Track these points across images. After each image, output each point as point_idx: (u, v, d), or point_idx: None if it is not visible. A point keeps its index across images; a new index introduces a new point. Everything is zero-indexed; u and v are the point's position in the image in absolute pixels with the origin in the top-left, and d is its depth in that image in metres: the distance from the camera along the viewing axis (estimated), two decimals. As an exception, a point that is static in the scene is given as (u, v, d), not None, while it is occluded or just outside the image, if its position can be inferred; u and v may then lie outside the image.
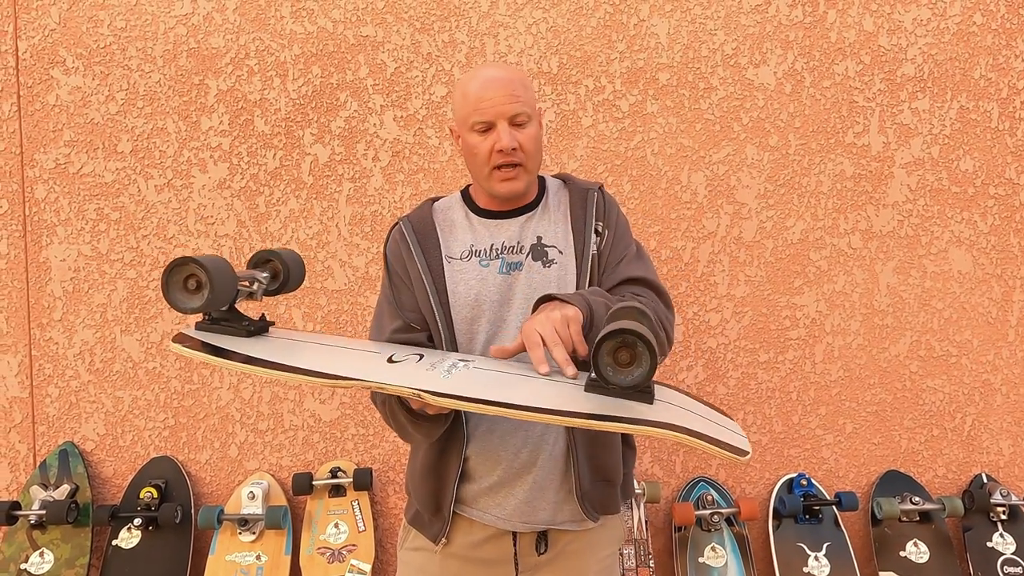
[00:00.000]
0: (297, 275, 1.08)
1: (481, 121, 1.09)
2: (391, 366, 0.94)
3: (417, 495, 1.18)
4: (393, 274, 1.19)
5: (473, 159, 1.13)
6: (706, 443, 0.76)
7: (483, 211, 1.20)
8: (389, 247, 1.21)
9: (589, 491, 1.15)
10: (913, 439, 2.13)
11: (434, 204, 1.24)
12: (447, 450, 1.14)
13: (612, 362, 0.83)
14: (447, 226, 1.19)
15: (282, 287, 1.06)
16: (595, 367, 0.83)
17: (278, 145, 2.01)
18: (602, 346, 0.82)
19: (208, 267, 0.84)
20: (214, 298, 0.87)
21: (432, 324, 1.13)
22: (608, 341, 0.82)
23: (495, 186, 1.12)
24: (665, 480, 2.10)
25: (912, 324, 2.11)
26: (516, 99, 1.09)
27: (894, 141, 2.08)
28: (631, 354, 0.82)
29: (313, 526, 1.99)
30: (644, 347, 0.81)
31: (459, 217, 1.20)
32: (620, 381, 0.82)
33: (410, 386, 0.82)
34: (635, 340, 0.81)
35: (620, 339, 0.82)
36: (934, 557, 2.00)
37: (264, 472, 2.05)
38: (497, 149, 1.09)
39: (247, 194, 2.01)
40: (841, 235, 2.09)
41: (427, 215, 1.20)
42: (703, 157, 2.06)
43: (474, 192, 1.22)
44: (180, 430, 2.04)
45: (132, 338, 2.02)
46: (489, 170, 1.11)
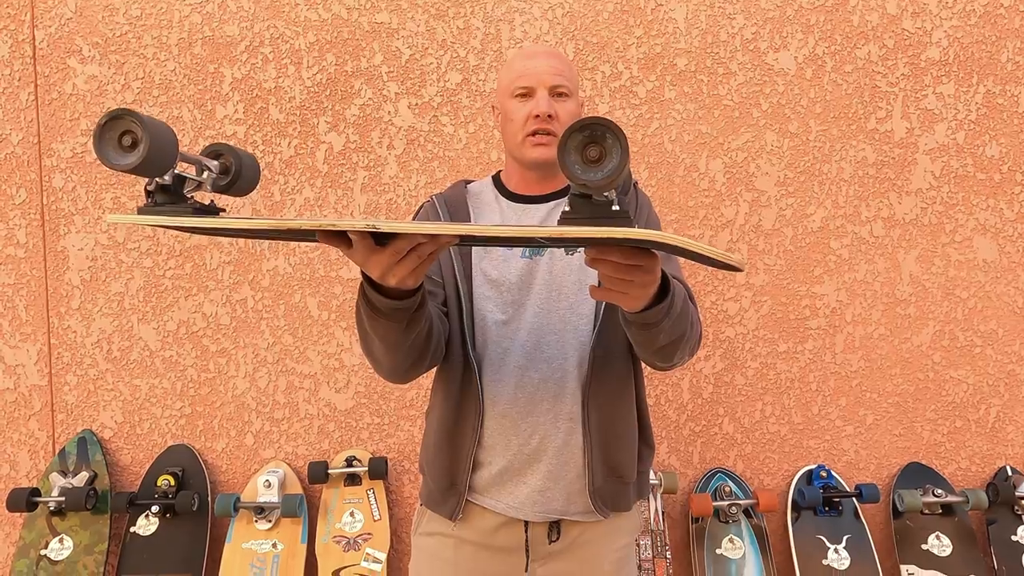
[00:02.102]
0: (250, 174, 0.98)
1: (522, 87, 1.11)
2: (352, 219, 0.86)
3: (431, 470, 1.18)
4: None
5: (509, 125, 1.14)
6: (690, 245, 0.68)
7: (512, 195, 1.20)
8: (419, 216, 1.22)
9: (601, 487, 1.13)
10: (936, 431, 2.10)
11: (468, 186, 1.25)
12: (462, 420, 1.13)
13: (580, 159, 0.75)
14: (478, 206, 1.20)
15: (232, 183, 0.97)
16: (562, 165, 0.75)
17: (293, 133, 2.00)
18: (568, 141, 0.74)
19: (145, 121, 0.79)
20: (151, 159, 0.80)
21: (451, 294, 1.13)
22: (575, 135, 0.74)
23: (527, 151, 1.12)
24: (682, 471, 2.08)
25: (935, 314, 2.07)
26: (559, 73, 1.12)
27: (918, 127, 2.03)
28: (600, 149, 0.74)
29: (329, 514, 1.99)
30: (614, 139, 0.73)
31: (489, 199, 1.21)
32: (590, 178, 0.74)
33: (365, 222, 0.73)
34: (604, 132, 0.74)
35: (587, 133, 0.74)
36: (957, 550, 1.97)
37: (280, 461, 2.05)
38: (534, 114, 1.09)
39: (262, 183, 2.01)
40: (863, 223, 2.05)
41: (460, 194, 1.21)
42: (721, 144, 2.02)
43: (505, 177, 1.22)
44: (196, 418, 2.05)
45: (149, 327, 2.03)
46: (523, 136, 1.11)
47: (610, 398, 1.13)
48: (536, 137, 1.10)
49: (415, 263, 0.81)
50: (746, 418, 2.08)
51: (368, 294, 0.90)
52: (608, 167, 0.74)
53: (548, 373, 1.12)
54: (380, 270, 0.81)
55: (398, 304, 0.90)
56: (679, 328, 0.96)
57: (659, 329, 0.92)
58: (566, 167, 0.74)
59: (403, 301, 0.90)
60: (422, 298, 0.93)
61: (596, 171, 0.74)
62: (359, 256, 0.81)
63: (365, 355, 1.03)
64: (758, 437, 2.09)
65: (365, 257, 0.80)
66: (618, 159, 0.73)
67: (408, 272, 0.82)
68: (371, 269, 0.82)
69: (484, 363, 1.13)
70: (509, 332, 1.13)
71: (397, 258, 0.80)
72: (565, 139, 0.74)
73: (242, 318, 2.03)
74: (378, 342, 0.97)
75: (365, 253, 0.80)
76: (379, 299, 0.89)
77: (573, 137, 0.74)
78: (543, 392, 1.12)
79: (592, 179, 0.74)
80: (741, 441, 2.09)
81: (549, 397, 1.12)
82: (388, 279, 0.83)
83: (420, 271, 0.83)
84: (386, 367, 1.03)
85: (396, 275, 0.82)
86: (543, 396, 1.12)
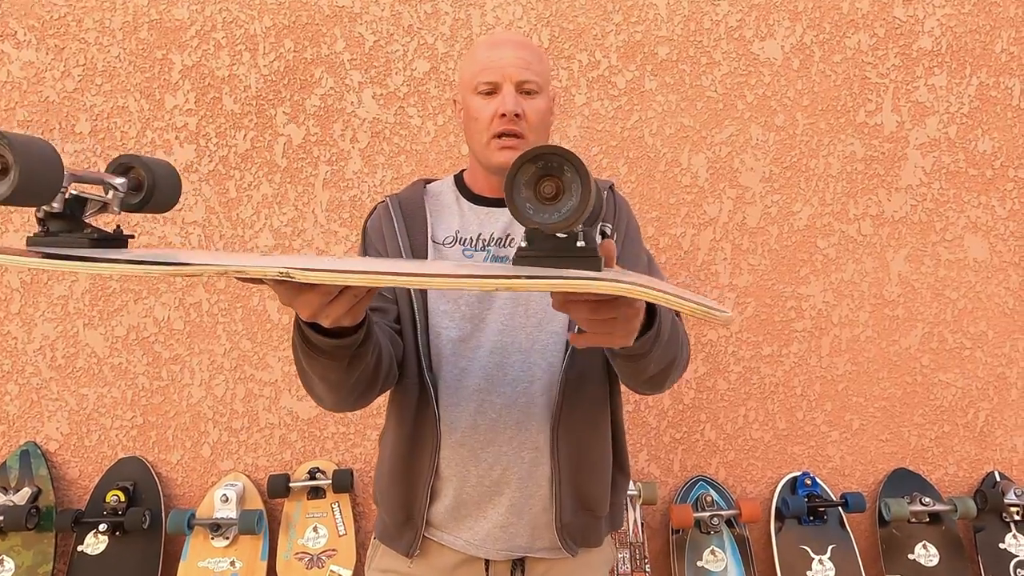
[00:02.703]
0: (167, 188, 0.84)
1: (486, 82, 0.99)
2: (266, 257, 0.70)
3: (385, 502, 1.07)
4: (369, 248, 1.08)
5: (472, 125, 1.02)
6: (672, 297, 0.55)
7: (475, 197, 1.08)
8: (371, 222, 1.10)
9: (570, 522, 1.04)
10: (923, 436, 2.03)
11: (426, 186, 1.13)
12: (417, 448, 1.03)
13: (532, 196, 0.63)
14: (437, 209, 1.08)
15: (147, 200, 0.82)
16: (509, 203, 0.63)
17: (249, 125, 1.87)
18: (518, 174, 0.62)
19: (13, 142, 0.65)
20: (25, 187, 0.67)
21: (404, 308, 1.02)
22: (526, 167, 0.62)
23: (492, 155, 1.00)
24: (662, 480, 2.00)
25: (924, 315, 1.99)
26: (527, 66, 0.99)
27: (908, 120, 1.94)
28: (556, 184, 0.62)
29: (291, 530, 1.89)
30: (573, 172, 0.61)
31: (449, 201, 1.09)
32: (544, 220, 0.62)
33: (277, 265, 0.59)
34: (561, 164, 0.61)
35: (541, 164, 0.62)
36: (944, 560, 1.90)
37: (239, 473, 1.94)
38: (499, 113, 0.98)
39: (216, 178, 1.88)
40: (850, 221, 1.96)
41: (417, 195, 1.09)
42: (705, 138, 1.92)
43: (468, 177, 1.11)
44: (149, 429, 1.93)
45: (96, 332, 1.90)
46: (488, 138, 1.00)
47: (583, 425, 1.03)
48: (502, 140, 0.99)
49: (350, 303, 0.69)
50: (729, 424, 2.00)
51: (303, 330, 0.78)
52: (566, 207, 0.62)
53: (512, 397, 1.01)
54: (310, 311, 0.69)
55: (338, 342, 0.78)
56: (669, 354, 0.86)
57: (648, 359, 0.82)
58: (515, 206, 0.63)
59: (345, 339, 0.78)
60: (368, 330, 0.82)
61: (551, 211, 0.62)
62: (283, 296, 0.68)
63: (305, 389, 0.91)
64: (741, 444, 2.01)
65: (290, 298, 0.68)
66: (578, 198, 0.61)
67: (343, 312, 0.70)
68: (300, 310, 0.69)
69: (440, 385, 1.02)
70: (467, 351, 1.02)
71: (328, 298, 0.67)
72: (514, 171, 0.62)
73: (196, 322, 1.91)
74: (318, 381, 0.85)
75: (289, 294, 0.67)
76: (317, 337, 0.77)
77: (524, 169, 0.62)
78: (506, 418, 1.01)
79: (546, 221, 0.62)
80: (723, 448, 2.00)
81: (513, 424, 1.01)
82: (320, 320, 0.70)
83: (358, 309, 0.71)
84: (329, 404, 0.91)
85: (329, 316, 0.69)
86: (506, 423, 1.01)
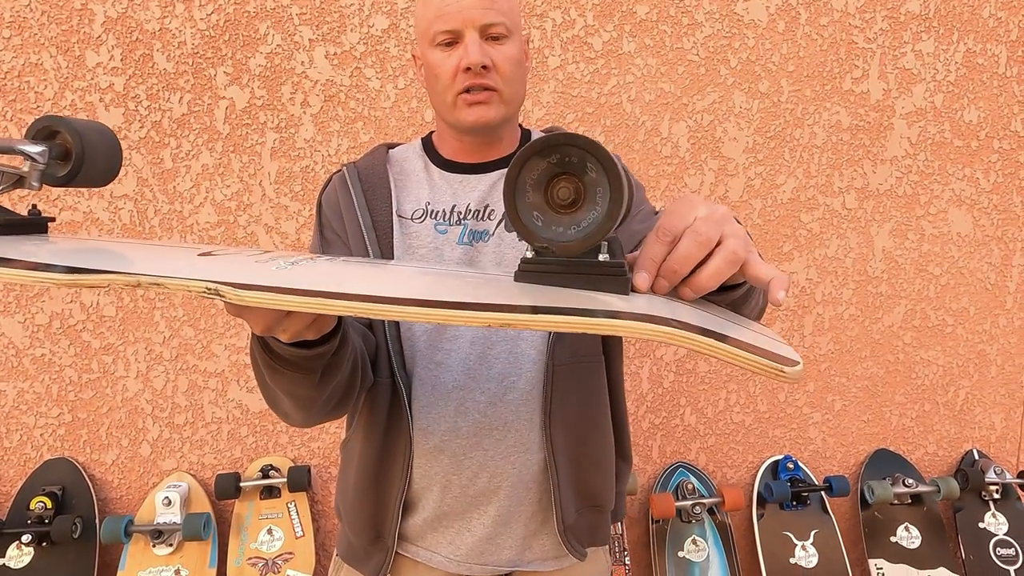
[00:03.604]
0: (103, 157, 0.67)
1: (445, 31, 0.83)
2: (200, 260, 0.56)
3: (350, 521, 0.93)
4: (326, 227, 0.93)
5: (435, 83, 0.86)
6: (732, 347, 0.42)
7: (447, 163, 0.93)
8: (326, 196, 0.94)
9: (575, 523, 0.92)
10: (904, 415, 1.98)
11: (390, 151, 0.97)
12: (388, 457, 0.89)
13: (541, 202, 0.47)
14: (402, 178, 0.93)
15: (76, 173, 0.65)
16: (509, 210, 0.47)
17: (184, 87, 1.67)
18: (522, 173, 0.47)
19: None
20: None
21: None
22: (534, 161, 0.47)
23: (461, 115, 0.85)
24: (641, 467, 1.90)
25: (907, 292, 1.93)
26: (490, 5, 0.83)
27: (895, 88, 1.86)
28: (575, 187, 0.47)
29: (243, 533, 1.73)
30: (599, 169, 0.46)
31: (416, 169, 0.94)
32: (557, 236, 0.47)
33: (203, 278, 0.46)
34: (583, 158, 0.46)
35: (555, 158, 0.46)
36: (926, 541, 1.86)
37: (183, 472, 1.77)
38: (463, 67, 0.82)
39: (149, 146, 1.67)
40: (835, 194, 1.87)
41: (379, 163, 0.94)
42: (686, 105, 1.80)
43: (438, 140, 0.96)
44: (79, 427, 1.73)
45: (13, 320, 1.68)
46: (454, 96, 0.84)
47: (579, 415, 0.91)
48: (470, 95, 0.84)
49: (311, 317, 0.55)
50: (709, 408, 1.91)
51: (264, 337, 0.63)
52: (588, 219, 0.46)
53: (497, 393, 0.88)
54: (263, 325, 0.54)
55: (308, 352, 0.63)
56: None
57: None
58: (517, 215, 0.47)
59: (316, 348, 0.63)
60: (343, 335, 0.68)
61: (568, 223, 0.47)
62: (229, 307, 0.52)
63: (267, 403, 0.76)
64: (722, 428, 1.92)
65: (237, 309, 0.53)
66: (605, 206, 0.46)
67: (304, 326, 0.55)
68: (250, 324, 0.55)
69: (414, 384, 0.88)
70: (444, 343, 0.88)
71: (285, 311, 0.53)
72: (518, 168, 0.47)
73: (131, 308, 1.71)
74: (284, 397, 0.71)
75: (234, 306, 0.52)
76: (281, 347, 0.62)
77: (531, 165, 0.46)
78: (491, 418, 0.88)
79: (560, 237, 0.47)
80: (704, 433, 1.92)
81: (499, 424, 0.88)
82: (277, 335, 0.56)
83: (325, 323, 0.57)
84: (297, 420, 0.77)
85: (288, 330, 0.55)
86: (492, 423, 0.88)
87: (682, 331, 0.42)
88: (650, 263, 0.52)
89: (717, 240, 0.52)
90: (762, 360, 0.41)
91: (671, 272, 0.52)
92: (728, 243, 0.52)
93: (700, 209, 0.54)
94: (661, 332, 0.42)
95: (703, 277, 0.52)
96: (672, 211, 0.54)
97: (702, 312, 0.51)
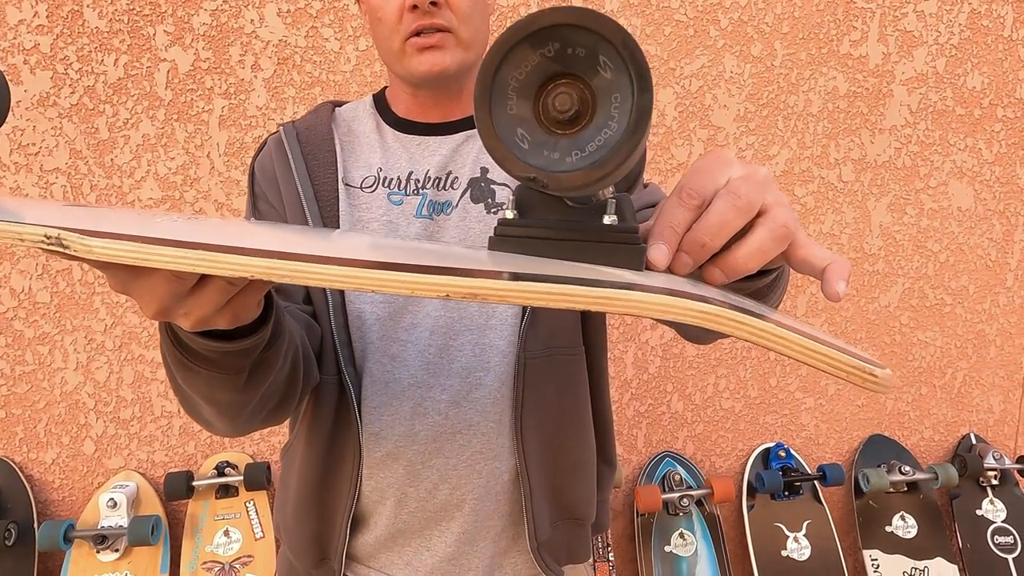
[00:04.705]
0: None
1: None
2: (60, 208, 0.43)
3: (290, 540, 0.80)
4: (259, 198, 0.79)
5: (379, 27, 0.72)
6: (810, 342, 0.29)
7: (402, 122, 0.79)
8: (259, 161, 0.80)
9: (550, 538, 0.80)
10: (900, 399, 1.89)
11: (336, 110, 0.83)
12: (334, 467, 0.76)
13: (531, 113, 0.34)
14: (350, 140, 0.79)
15: None
16: (484, 131, 0.34)
17: (120, 47, 1.50)
18: (503, 69, 0.33)
19: None
20: None
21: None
22: (520, 49, 0.33)
23: (411, 63, 0.71)
24: (626, 458, 1.80)
25: (905, 270, 1.83)
26: None
27: (895, 52, 1.73)
28: (579, 94, 0.33)
29: (197, 535, 1.60)
30: (619, 62, 0.32)
31: (367, 129, 0.80)
32: (551, 165, 0.33)
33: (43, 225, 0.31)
34: (594, 46, 0.32)
35: (552, 48, 0.33)
36: (922, 531, 1.78)
37: (131, 471, 1.63)
38: (409, 5, 0.68)
39: (82, 114, 1.51)
40: (831, 166, 1.76)
41: (323, 123, 0.79)
42: (673, 69, 1.67)
43: (391, 96, 0.81)
44: (14, 423, 1.59)
45: (-65, 308, 1.52)
46: (401, 41, 0.70)
47: (555, 416, 0.78)
48: (420, 39, 0.70)
49: (222, 293, 0.40)
50: (697, 394, 1.80)
51: (172, 325, 0.48)
52: (599, 139, 0.32)
53: (461, 391, 0.75)
54: (156, 304, 0.39)
55: (229, 346, 0.48)
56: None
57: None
58: (493, 132, 0.33)
59: (241, 340, 0.49)
60: (277, 325, 0.54)
61: (568, 149, 0.33)
62: (112, 281, 0.38)
63: (183, 409, 0.61)
64: (710, 415, 1.82)
65: (121, 283, 0.38)
66: (624, 124, 0.32)
67: (211, 309, 0.40)
68: (141, 303, 0.40)
69: (365, 382, 0.75)
70: (400, 332, 0.75)
71: (183, 285, 0.38)
72: (496, 62, 0.33)
73: (67, 294, 1.56)
74: (204, 404, 0.56)
75: (118, 278, 0.38)
76: (195, 338, 0.48)
77: (517, 56, 0.32)
78: (454, 420, 0.75)
79: (556, 167, 0.33)
80: (691, 420, 1.81)
81: (463, 427, 0.75)
82: (177, 320, 0.41)
83: (242, 304, 0.43)
84: (222, 430, 0.62)
85: (190, 314, 0.40)
86: (454, 426, 0.75)
87: (734, 312, 0.29)
88: (670, 232, 0.39)
89: (759, 208, 0.39)
90: (850, 360, 0.29)
91: (697, 246, 0.38)
92: (775, 213, 0.39)
93: (735, 167, 0.40)
94: (702, 312, 0.29)
95: (740, 255, 0.39)
96: (699, 168, 0.41)
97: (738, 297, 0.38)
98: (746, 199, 0.38)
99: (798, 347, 0.28)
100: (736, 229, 0.38)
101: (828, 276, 0.38)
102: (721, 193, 0.39)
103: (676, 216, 0.39)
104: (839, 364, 0.28)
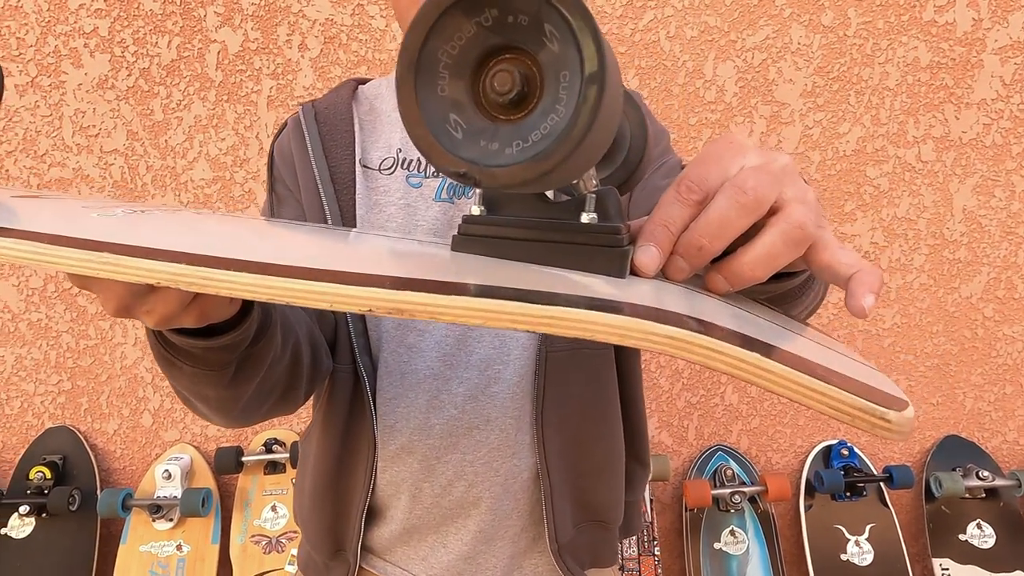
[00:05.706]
0: None
1: None
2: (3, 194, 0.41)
3: (308, 529, 0.79)
4: (277, 181, 0.77)
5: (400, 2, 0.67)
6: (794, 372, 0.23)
7: None
8: (279, 143, 0.77)
9: (572, 541, 0.76)
10: (980, 398, 1.74)
11: (359, 88, 0.79)
12: (348, 459, 0.74)
13: (466, 95, 0.29)
14: (370, 120, 0.76)
15: None
16: (406, 113, 0.29)
17: (173, 29, 1.52)
18: (430, 41, 0.28)
19: None
20: None
21: None
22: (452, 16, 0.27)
23: None
24: (675, 449, 1.73)
25: (991, 258, 1.67)
26: None
27: (987, 17, 1.57)
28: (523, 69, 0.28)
29: (246, 508, 1.64)
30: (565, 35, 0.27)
31: (388, 107, 0.76)
32: (485, 158, 0.28)
33: None
34: (539, 10, 0.27)
35: (488, 15, 0.28)
36: (1001, 541, 1.65)
37: (186, 444, 1.68)
38: None
39: (137, 96, 1.54)
40: (909, 144, 1.62)
41: (343, 101, 0.76)
42: (734, 42, 1.56)
43: None
44: (79, 395, 1.66)
45: (7, 284, 1.60)
46: None
47: (580, 413, 0.74)
48: None
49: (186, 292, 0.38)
50: (753, 386, 1.71)
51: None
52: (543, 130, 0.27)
53: (479, 384, 0.72)
54: (115, 301, 0.37)
55: (209, 343, 0.46)
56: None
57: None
58: (419, 119, 0.28)
59: (222, 336, 0.46)
60: (265, 319, 0.51)
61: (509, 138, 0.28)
62: (72, 277, 0.36)
63: (181, 401, 0.60)
64: (767, 408, 1.73)
65: (80, 278, 0.36)
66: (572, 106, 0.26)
67: (179, 307, 0.38)
68: (101, 299, 0.38)
69: (380, 372, 0.73)
70: (417, 322, 0.72)
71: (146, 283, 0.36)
72: (422, 32, 0.27)
73: (126, 271, 1.61)
74: (193, 399, 0.55)
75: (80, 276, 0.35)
76: (171, 333, 0.46)
77: (447, 25, 0.27)
78: (471, 414, 0.72)
79: (492, 160, 0.28)
80: (747, 413, 1.73)
81: (481, 422, 0.72)
82: (141, 318, 0.39)
83: (211, 304, 0.40)
84: (220, 423, 0.61)
85: (153, 312, 0.38)
86: (471, 420, 0.72)
87: (704, 338, 0.24)
88: (663, 232, 0.33)
89: (773, 205, 0.33)
90: (853, 400, 0.23)
91: (693, 249, 0.33)
92: (790, 211, 0.33)
93: (749, 155, 0.35)
94: (667, 338, 0.24)
95: (746, 261, 0.33)
96: (706, 155, 0.35)
97: (739, 310, 0.32)
98: (754, 194, 0.32)
99: (785, 382, 0.23)
100: (741, 229, 0.33)
101: (853, 287, 0.32)
102: (725, 186, 0.33)
103: (672, 213, 0.33)
104: (839, 405, 0.23)
